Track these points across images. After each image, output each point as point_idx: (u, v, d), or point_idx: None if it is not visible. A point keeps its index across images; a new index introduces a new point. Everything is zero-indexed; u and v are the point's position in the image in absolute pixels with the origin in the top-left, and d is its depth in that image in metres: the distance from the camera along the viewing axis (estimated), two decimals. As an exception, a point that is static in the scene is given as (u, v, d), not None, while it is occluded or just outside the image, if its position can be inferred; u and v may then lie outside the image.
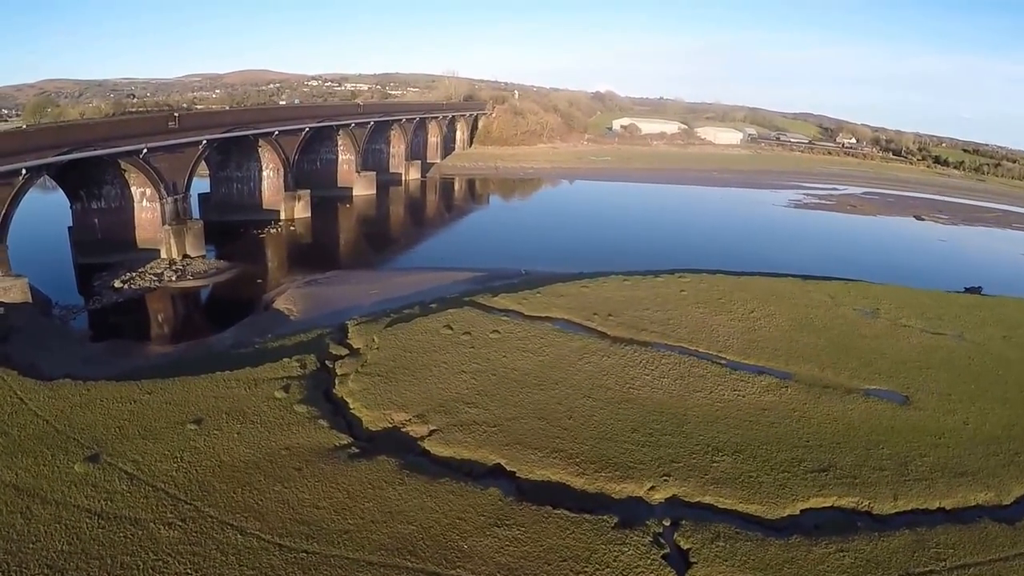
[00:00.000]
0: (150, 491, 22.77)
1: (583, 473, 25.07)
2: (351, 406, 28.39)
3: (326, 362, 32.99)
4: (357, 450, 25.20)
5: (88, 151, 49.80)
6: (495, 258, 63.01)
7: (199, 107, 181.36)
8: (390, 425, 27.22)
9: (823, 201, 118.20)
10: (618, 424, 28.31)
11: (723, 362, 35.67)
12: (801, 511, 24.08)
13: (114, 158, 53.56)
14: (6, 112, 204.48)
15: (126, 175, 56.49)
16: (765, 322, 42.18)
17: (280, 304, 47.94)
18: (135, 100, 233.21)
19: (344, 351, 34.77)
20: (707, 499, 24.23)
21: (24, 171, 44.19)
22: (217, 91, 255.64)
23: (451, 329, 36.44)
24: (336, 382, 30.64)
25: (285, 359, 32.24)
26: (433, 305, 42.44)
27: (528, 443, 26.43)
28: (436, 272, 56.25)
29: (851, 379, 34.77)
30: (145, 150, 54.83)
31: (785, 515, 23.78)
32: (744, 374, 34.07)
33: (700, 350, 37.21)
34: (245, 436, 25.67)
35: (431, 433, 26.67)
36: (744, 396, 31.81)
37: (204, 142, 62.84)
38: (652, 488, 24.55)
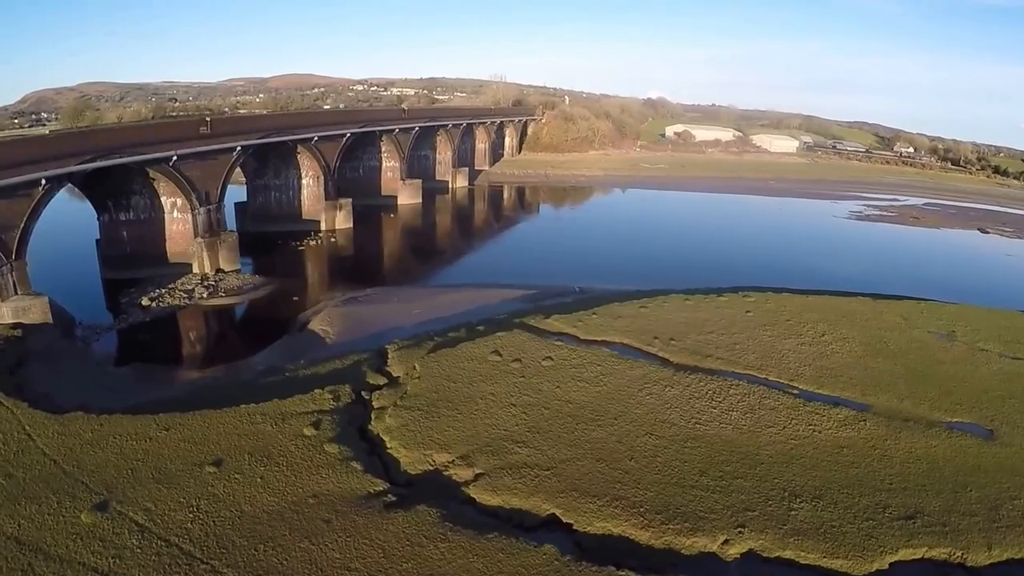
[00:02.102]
0: (163, 547, 21.47)
1: (648, 525, 23.17)
2: (388, 445, 26.66)
3: (362, 393, 31.44)
4: (394, 498, 23.40)
5: (113, 159, 49.87)
6: (547, 273, 61.26)
7: (241, 111, 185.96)
8: (431, 468, 25.35)
9: (884, 213, 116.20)
10: (685, 466, 26.19)
11: (795, 392, 33.87)
12: (890, 565, 22.85)
13: (142, 166, 53.66)
14: (45, 116, 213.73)
15: (155, 184, 56.60)
16: (837, 347, 40.10)
17: (316, 325, 46.86)
18: (177, 104, 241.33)
19: (382, 380, 33.20)
20: (787, 553, 22.78)
21: (44, 181, 44.01)
22: (261, 95, 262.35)
23: (499, 355, 34.50)
24: (372, 417, 29.00)
25: (317, 390, 30.77)
26: (480, 327, 40.67)
27: (586, 489, 24.33)
28: (484, 289, 54.62)
29: (931, 411, 33.25)
30: (175, 157, 54.77)
31: (873, 570, 22.53)
32: (818, 406, 32.15)
33: (770, 378, 35.30)
34: (269, 481, 24.12)
35: (477, 477, 24.69)
36: (820, 432, 29.82)
37: (238, 148, 62.73)
38: (726, 542, 22.83)
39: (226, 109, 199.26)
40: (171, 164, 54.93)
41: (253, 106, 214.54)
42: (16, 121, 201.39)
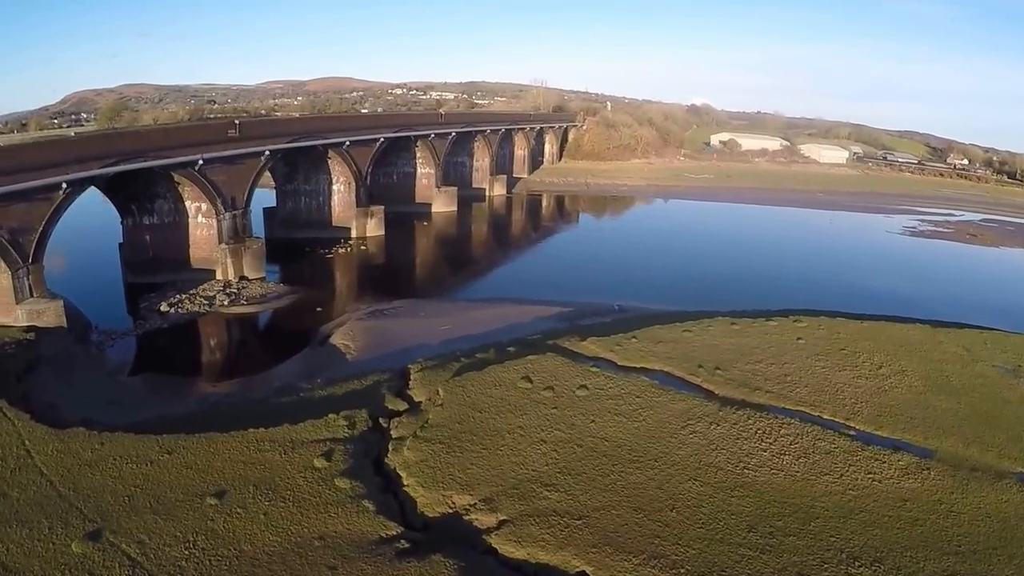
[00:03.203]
0: (153, 586, 19.91)
1: (691, 591, 20.78)
2: (405, 482, 24.87)
3: (379, 420, 29.81)
4: (408, 544, 21.55)
5: (136, 162, 49.38)
6: (585, 289, 59.21)
7: (278, 113, 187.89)
8: (450, 511, 23.48)
9: (939, 228, 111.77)
10: (731, 519, 23.86)
11: (852, 433, 31.16)
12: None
13: (166, 170, 53.20)
14: (85, 116, 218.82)
15: (180, 188, 56.15)
16: (896, 381, 37.32)
17: (337, 339, 45.50)
18: (215, 106, 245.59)
19: (402, 405, 31.54)
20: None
21: (64, 185, 43.62)
22: (299, 98, 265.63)
23: (530, 382, 32.52)
24: (389, 448, 27.27)
25: (331, 415, 29.20)
26: (511, 348, 38.81)
27: (621, 544, 22.18)
28: (517, 305, 52.75)
29: (1000, 459, 30.16)
30: (200, 161, 54.20)
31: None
32: (878, 450, 29.41)
33: (824, 417, 32.61)
34: (273, 518, 22.50)
35: (500, 525, 22.72)
36: (880, 481, 27.23)
37: (267, 153, 62.06)
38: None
39: (263, 111, 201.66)
40: (196, 168, 54.39)
41: (290, 109, 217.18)
42: (56, 121, 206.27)
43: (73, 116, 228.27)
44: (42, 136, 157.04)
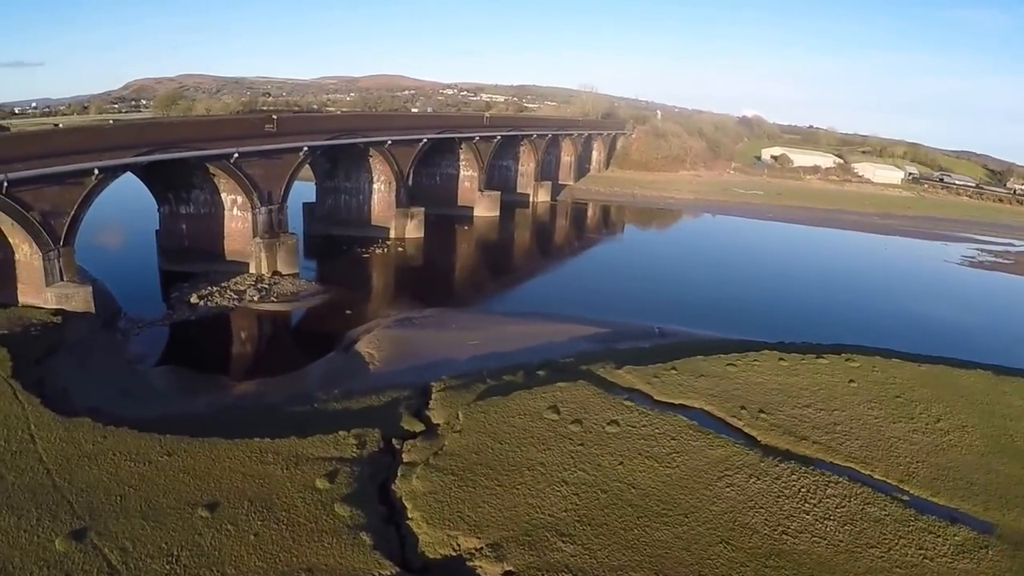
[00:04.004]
0: (126, 601, 18.97)
1: None
2: (409, 515, 23.46)
3: (393, 441, 28.52)
4: (401, 587, 20.14)
5: (171, 153, 49.75)
6: (625, 307, 56.96)
7: (330, 109, 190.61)
8: (453, 553, 21.97)
9: (999, 260, 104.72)
10: (763, 595, 21.72)
11: (905, 498, 28.30)
12: None
13: (201, 162, 53.41)
14: (144, 103, 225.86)
15: (216, 180, 56.36)
16: (955, 438, 34.23)
17: (362, 346, 44.55)
18: (270, 99, 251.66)
19: (419, 427, 30.25)
20: None
21: (97, 171, 44.10)
22: (352, 94, 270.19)
23: (557, 413, 30.90)
24: (398, 474, 25.92)
25: (342, 431, 28.05)
26: (541, 372, 37.23)
27: (636, 615, 20.37)
28: (552, 323, 50.99)
29: None
30: (236, 155, 54.33)
31: None
32: (932, 521, 26.51)
33: (876, 476, 29.86)
34: (263, 541, 21.39)
35: (506, 576, 21.10)
36: (932, 560, 24.47)
37: (305, 149, 62.01)
38: None
39: (315, 106, 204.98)
40: (232, 161, 54.50)
41: (343, 104, 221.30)
42: (116, 105, 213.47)
43: (133, 102, 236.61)
44: (99, 119, 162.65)
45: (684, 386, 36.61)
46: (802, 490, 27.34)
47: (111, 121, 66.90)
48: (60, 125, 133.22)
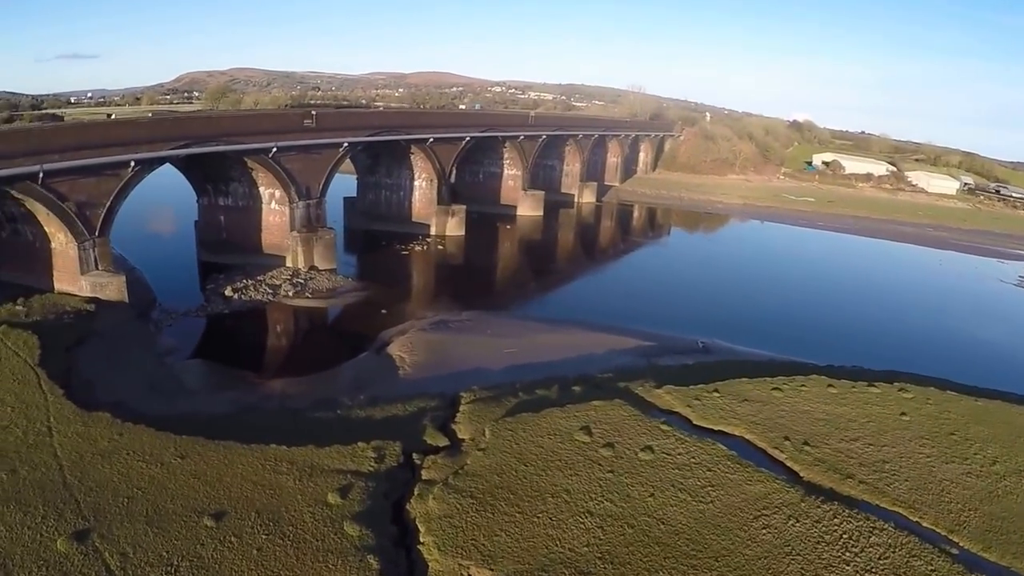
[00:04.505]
0: (121, 612, 18.53)
1: None
2: (421, 539, 22.52)
3: (413, 455, 27.61)
4: (406, 621, 19.21)
5: (207, 146, 50.05)
6: (668, 318, 55.17)
7: (378, 104, 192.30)
8: (465, 584, 20.92)
9: None
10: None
11: (955, 552, 25.90)
12: None
13: (239, 155, 53.66)
14: (196, 95, 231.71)
15: (254, 174, 56.66)
16: (1012, 484, 31.54)
17: (394, 349, 43.91)
18: (319, 93, 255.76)
19: (442, 441, 29.32)
20: None
21: (133, 163, 44.60)
22: (400, 90, 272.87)
23: (589, 435, 29.66)
24: (415, 492, 24.99)
25: (361, 443, 27.31)
26: (576, 387, 36.00)
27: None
28: (592, 332, 49.45)
29: None
30: (275, 149, 54.41)
31: None
32: None
33: (924, 524, 27.60)
34: (265, 557, 20.73)
35: (517, 615, 19.99)
36: None
37: (345, 145, 62.00)
38: None
39: (363, 101, 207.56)
40: (270, 155, 54.63)
41: (391, 99, 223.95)
42: (168, 97, 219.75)
43: (185, 94, 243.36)
44: (150, 110, 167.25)
45: (726, 411, 34.92)
46: (844, 536, 25.55)
47: (149, 114, 67.88)
48: (112, 116, 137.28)
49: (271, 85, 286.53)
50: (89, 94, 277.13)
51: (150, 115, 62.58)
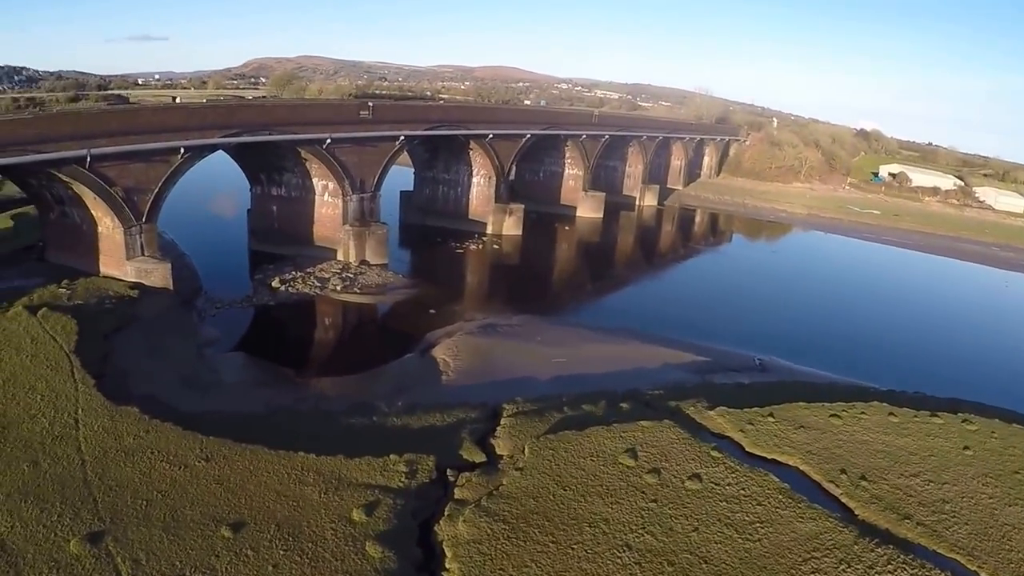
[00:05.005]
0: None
1: None
2: (447, 565, 21.31)
3: (447, 471, 26.42)
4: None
5: (259, 135, 49.97)
6: (725, 330, 53.05)
7: (443, 96, 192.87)
8: (489, 621, 19.60)
9: None
10: None
11: None
12: None
13: (292, 145, 53.51)
14: (263, 81, 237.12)
15: (308, 165, 56.51)
16: None
17: (440, 352, 42.91)
18: (385, 83, 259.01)
19: (479, 457, 28.08)
20: None
21: (183, 150, 44.66)
22: (466, 83, 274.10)
23: (634, 459, 28.02)
24: (445, 513, 23.78)
25: (393, 455, 26.23)
26: (624, 405, 34.32)
27: None
28: (645, 344, 47.62)
29: None
30: (328, 140, 54.16)
31: None
32: None
33: (982, 575, 25.09)
34: (280, 574, 19.81)
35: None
36: None
37: (401, 138, 61.38)
38: None
39: (428, 92, 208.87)
40: (324, 147, 54.37)
41: (456, 92, 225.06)
42: (235, 81, 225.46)
43: (252, 79, 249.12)
44: (215, 94, 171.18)
45: (780, 438, 32.81)
46: (897, 586, 23.48)
47: (204, 100, 68.54)
48: (178, 99, 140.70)
49: (337, 74, 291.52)
50: (157, 76, 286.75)
51: (205, 101, 63.10)
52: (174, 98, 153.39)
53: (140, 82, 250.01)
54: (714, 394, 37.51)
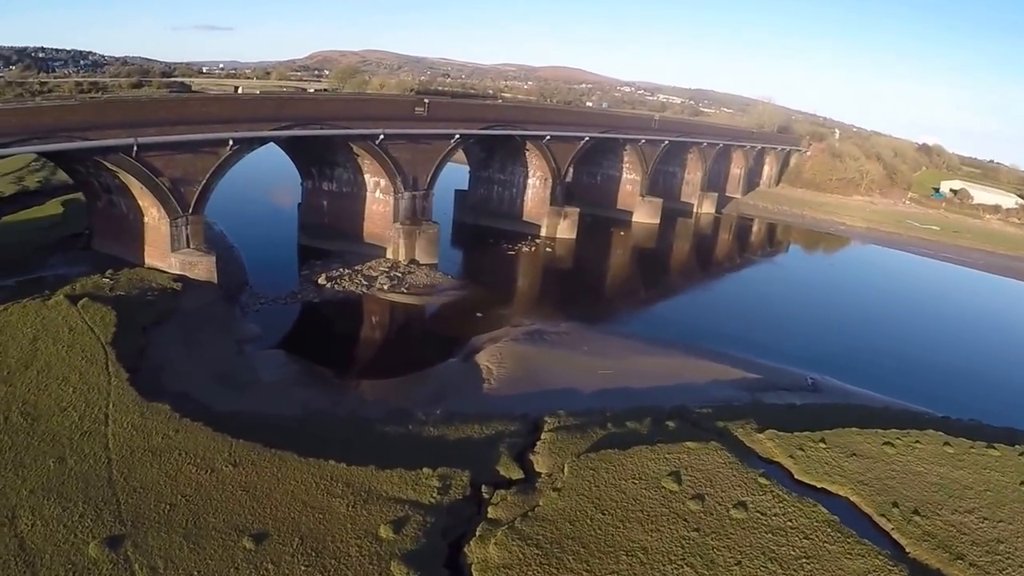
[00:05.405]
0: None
1: None
2: (474, 592, 20.21)
3: (482, 488, 25.35)
4: None
5: (310, 129, 49.80)
6: (777, 346, 51.07)
7: (506, 95, 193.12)
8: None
9: None
10: None
11: None
12: None
13: (344, 140, 53.22)
14: (326, 73, 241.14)
15: (359, 160, 56.22)
16: None
17: (483, 358, 42.02)
18: (448, 80, 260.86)
19: (516, 474, 26.96)
20: None
21: (232, 142, 44.69)
22: (529, 83, 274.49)
23: (678, 483, 26.54)
24: (476, 533, 22.71)
25: (427, 468, 25.30)
26: (670, 423, 32.88)
27: None
28: (695, 358, 45.93)
29: None
30: (381, 136, 53.73)
31: None
32: None
33: None
34: (300, 593, 18.91)
35: None
36: None
37: (456, 136, 60.74)
38: None
39: (490, 91, 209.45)
40: (377, 143, 53.94)
41: (519, 91, 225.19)
42: (298, 73, 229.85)
43: (315, 72, 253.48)
44: (279, 85, 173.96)
45: (831, 466, 30.94)
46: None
47: (258, 92, 69.00)
48: (240, 89, 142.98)
49: (401, 69, 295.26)
50: (221, 65, 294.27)
51: (259, 92, 63.48)
52: (236, 88, 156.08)
53: (204, 70, 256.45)
54: (764, 415, 35.93)
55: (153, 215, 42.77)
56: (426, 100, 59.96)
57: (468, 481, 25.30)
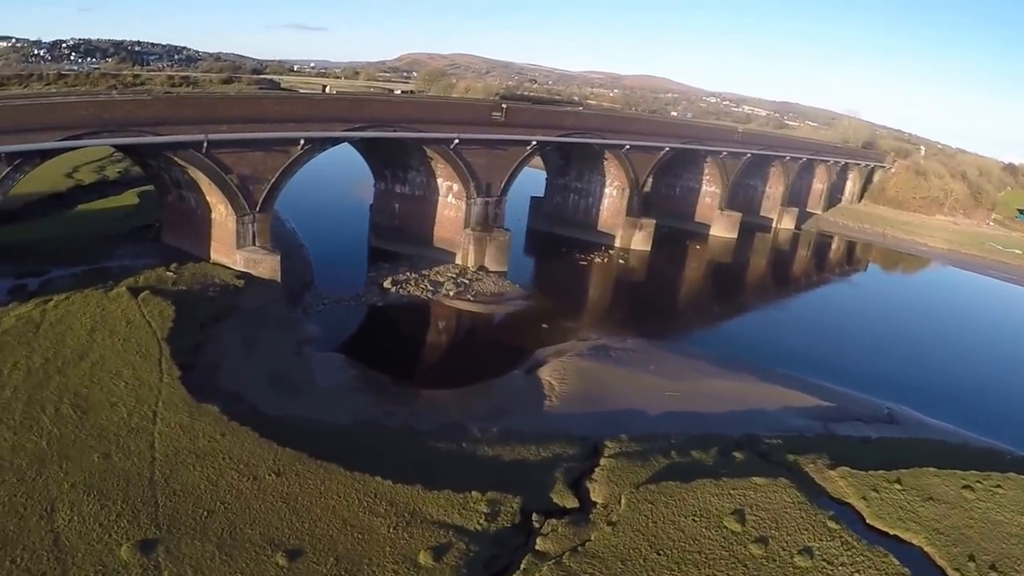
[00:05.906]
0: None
1: None
2: (515, 631, 18.96)
3: (533, 517, 24.05)
4: None
5: (383, 131, 49.79)
6: (853, 372, 48.26)
7: (591, 102, 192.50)
8: None
9: None
10: None
11: None
12: None
13: (418, 143, 53.08)
14: (414, 75, 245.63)
15: (433, 164, 55.99)
16: None
17: (546, 372, 40.81)
18: (535, 85, 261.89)
19: (571, 502, 25.58)
20: None
21: (303, 142, 44.78)
22: (615, 91, 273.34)
23: (741, 523, 24.66)
24: (521, 567, 21.42)
25: (476, 492, 24.20)
26: (738, 454, 30.91)
27: None
28: (767, 383, 43.45)
29: None
30: (456, 141, 53.41)
31: None
32: None
33: None
34: (330, 620, 18.03)
35: None
36: None
37: (533, 143, 59.95)
38: None
39: (575, 97, 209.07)
40: (451, 147, 53.68)
41: (605, 99, 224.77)
42: (387, 74, 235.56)
43: (404, 73, 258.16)
44: (367, 86, 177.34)
45: (906, 510, 28.43)
46: None
47: (334, 91, 69.64)
48: (328, 88, 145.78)
49: (489, 73, 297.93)
50: (312, 64, 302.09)
51: (335, 92, 64.29)
52: (324, 87, 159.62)
53: (295, 69, 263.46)
54: (837, 449, 33.61)
55: (220, 211, 43.21)
56: (504, 105, 59.40)
57: (518, 508, 24.06)
